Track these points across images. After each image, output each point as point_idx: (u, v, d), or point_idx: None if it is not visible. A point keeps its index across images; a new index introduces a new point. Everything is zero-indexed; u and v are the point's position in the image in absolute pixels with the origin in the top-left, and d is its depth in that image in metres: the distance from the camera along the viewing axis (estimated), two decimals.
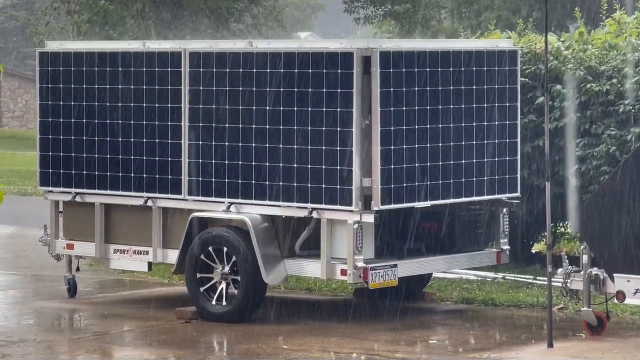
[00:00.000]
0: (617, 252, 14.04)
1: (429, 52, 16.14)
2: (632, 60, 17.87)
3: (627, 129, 17.39)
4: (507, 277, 17.61)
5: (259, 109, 15.83)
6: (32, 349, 15.05)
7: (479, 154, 16.25)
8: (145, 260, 16.90)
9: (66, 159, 17.19)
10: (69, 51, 17.75)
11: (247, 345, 14.88)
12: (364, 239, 15.30)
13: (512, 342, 14.94)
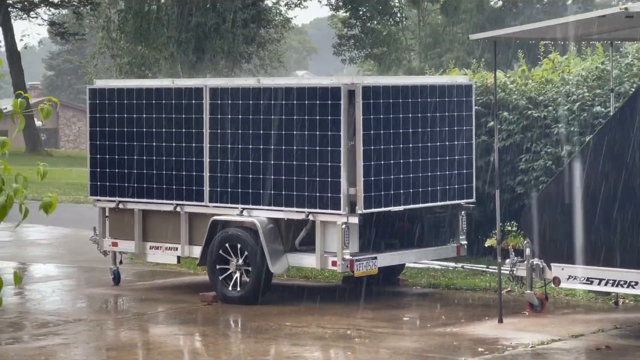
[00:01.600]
0: (553, 245, 14.05)
1: (401, 86, 16.22)
2: (564, 92, 17.97)
3: (561, 147, 17.45)
4: (465, 267, 17.65)
5: (265, 133, 15.88)
6: (85, 326, 15.10)
7: (442, 167, 16.31)
8: (175, 255, 16.94)
9: (111, 174, 17.23)
10: (113, 87, 17.80)
11: (257, 323, 14.92)
12: (350, 237, 15.35)
13: (469, 318, 15.00)
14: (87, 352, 13.81)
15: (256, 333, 14.38)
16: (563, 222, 13.96)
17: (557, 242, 14.04)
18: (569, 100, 17.81)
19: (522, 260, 14.62)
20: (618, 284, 13.67)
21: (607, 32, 15.77)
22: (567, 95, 17.89)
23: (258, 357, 13.23)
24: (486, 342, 13.54)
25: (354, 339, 13.94)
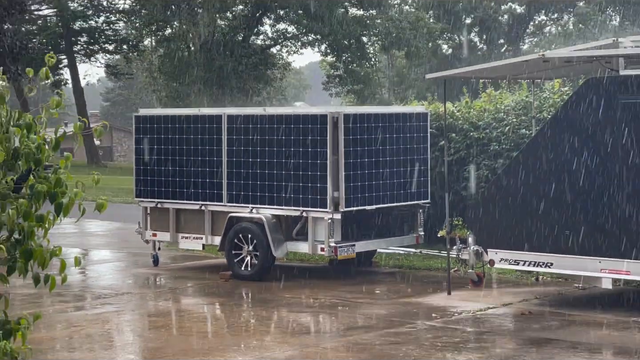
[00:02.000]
0: (489, 235, 14.07)
1: (373, 114, 16.29)
2: (498, 118, 17.99)
3: (496, 161, 17.46)
4: (422, 252, 17.60)
5: (269, 149, 15.89)
6: (132, 297, 15.12)
7: (404, 176, 16.33)
8: (200, 243, 16.94)
9: (151, 180, 17.23)
10: (153, 115, 17.87)
11: (262, 295, 14.94)
12: (334, 229, 15.38)
13: (426, 291, 15.03)
14: (133, 318, 13.85)
15: (262, 303, 14.41)
16: (496, 217, 13.98)
17: (492, 232, 14.06)
18: (501, 124, 17.86)
19: (465, 247, 14.65)
20: (538, 265, 13.70)
21: (529, 73, 15.82)
22: (500, 120, 17.95)
23: (264, 320, 13.25)
24: (438, 309, 13.57)
25: (337, 307, 14.00)
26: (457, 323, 12.70)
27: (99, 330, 12.80)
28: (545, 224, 13.43)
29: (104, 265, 18.72)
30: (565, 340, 11.56)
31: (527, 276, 15.41)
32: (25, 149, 6.11)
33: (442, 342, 11.59)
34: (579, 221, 13.13)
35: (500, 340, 11.75)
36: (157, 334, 12.70)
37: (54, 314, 13.46)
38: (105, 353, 11.52)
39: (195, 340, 12.07)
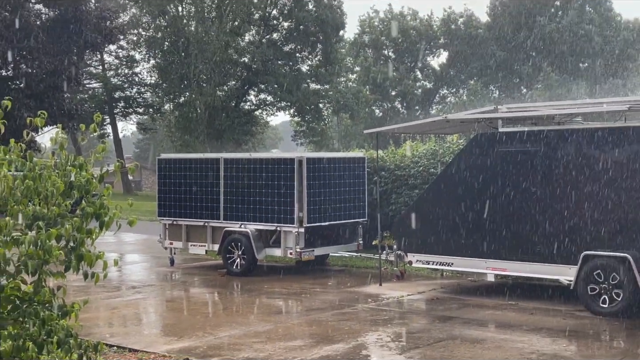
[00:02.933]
0: (408, 243, 14.11)
1: (326, 157, 16.34)
2: (414, 161, 18.09)
3: (412, 191, 17.54)
4: (362, 255, 17.63)
5: (254, 183, 15.87)
6: (154, 288, 14.99)
7: (349, 201, 16.33)
8: (204, 249, 16.84)
9: (169, 204, 17.13)
10: (171, 158, 17.80)
11: (249, 286, 14.86)
12: (299, 239, 15.34)
13: (364, 283, 15.01)
14: (156, 302, 13.73)
15: (248, 291, 14.34)
16: (413, 230, 14.04)
17: (410, 241, 14.11)
18: (416, 165, 17.96)
19: (392, 251, 14.68)
20: (442, 264, 13.76)
21: (436, 130, 15.97)
22: (416, 163, 18.06)
23: (249, 304, 13.19)
24: (372, 296, 13.58)
25: (301, 294, 13.95)
26: (386, 305, 12.72)
27: (131, 312, 12.71)
28: (447, 236, 13.53)
29: (134, 265, 18.54)
30: (462, 318, 11.61)
31: (435, 272, 15.45)
32: (78, 182, 6.10)
33: (375, 319, 11.61)
34: (471, 233, 13.23)
35: (416, 317, 11.78)
36: (172, 314, 12.64)
37: (98, 300, 13.33)
38: (135, 328, 11.45)
39: (199, 318, 12.01)
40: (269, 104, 56.83)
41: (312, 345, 9.90)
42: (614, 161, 11.74)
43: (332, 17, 52.73)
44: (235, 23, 52.64)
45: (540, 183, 12.48)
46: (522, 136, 12.77)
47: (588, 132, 12.20)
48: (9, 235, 5.94)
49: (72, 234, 6.04)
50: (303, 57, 55.12)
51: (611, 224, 11.73)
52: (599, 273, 11.70)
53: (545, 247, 12.37)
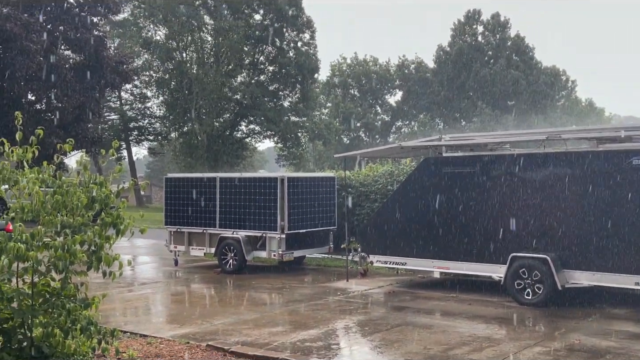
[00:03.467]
0: (370, 246, 14.12)
1: (303, 177, 16.33)
2: (375, 180, 18.04)
3: (373, 204, 17.54)
4: (332, 256, 17.58)
5: (244, 197, 15.79)
6: (162, 284, 14.81)
7: (322, 212, 16.29)
8: (203, 251, 16.66)
9: (174, 215, 16.98)
10: (176, 177, 17.59)
11: (239, 282, 14.76)
12: (281, 243, 15.29)
13: (334, 279, 14.96)
14: (163, 296, 13.57)
15: (239, 287, 14.23)
16: (374, 236, 14.05)
17: (372, 245, 14.11)
18: (377, 184, 17.98)
19: (357, 253, 14.68)
20: (397, 264, 13.77)
21: (393, 154, 16.03)
22: (376, 181, 18.07)
23: (240, 297, 13.07)
24: (341, 289, 13.54)
25: (282, 289, 13.87)
26: (352, 298, 12.68)
27: (142, 304, 12.55)
28: (401, 240, 13.55)
29: (145, 265, 18.34)
30: (414, 308, 11.62)
31: (392, 271, 15.42)
32: (99, 197, 6.07)
33: (343, 309, 11.57)
34: (421, 238, 13.26)
35: (377, 307, 11.77)
36: (176, 306, 12.50)
37: (115, 294, 13.16)
38: (145, 317, 11.31)
39: (198, 309, 11.89)
40: (257, 133, 56.82)
41: (291, 331, 9.85)
42: (535, 180, 11.87)
43: (309, 63, 53.00)
44: (229, 67, 52.68)
45: (476, 197, 12.57)
46: (462, 160, 12.88)
47: (515, 157, 12.33)
48: (41, 241, 5.90)
49: (94, 240, 6.02)
50: (285, 94, 55.24)
51: (534, 230, 11.84)
52: (524, 271, 11.79)
53: (480, 249, 12.45)
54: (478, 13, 70.01)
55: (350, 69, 73.81)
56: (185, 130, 53.16)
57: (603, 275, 11.00)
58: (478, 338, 9.32)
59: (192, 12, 50.30)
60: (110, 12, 33.89)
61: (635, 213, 10.69)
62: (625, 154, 10.91)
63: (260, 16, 53.32)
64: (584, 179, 11.28)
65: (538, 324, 10.35)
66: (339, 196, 17.08)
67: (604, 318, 10.62)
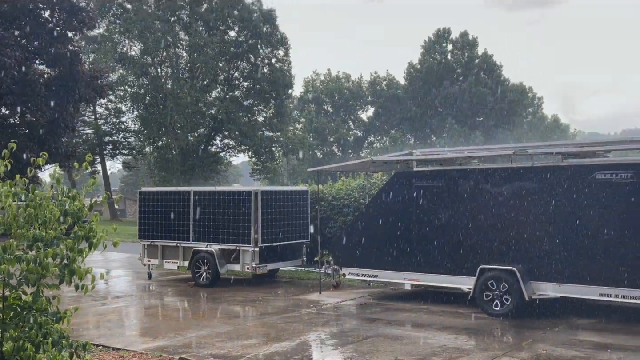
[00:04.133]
0: (342, 259, 14.11)
1: (276, 190, 16.25)
2: (347, 193, 18.10)
3: (346, 217, 17.54)
4: (305, 269, 17.52)
5: (219, 210, 15.68)
6: (135, 297, 14.62)
7: (295, 225, 16.25)
8: (176, 264, 16.46)
9: (148, 228, 16.79)
10: (150, 190, 17.36)
11: (213, 295, 14.63)
12: (255, 256, 15.22)
13: (307, 292, 14.90)
14: (136, 309, 13.38)
15: (212, 300, 14.10)
16: (346, 249, 14.05)
17: (344, 258, 14.10)
18: (349, 197, 18.01)
19: (329, 266, 14.67)
20: (369, 276, 13.78)
21: (364, 169, 16.09)
22: (349, 195, 18.10)
23: (213, 310, 12.95)
24: (314, 302, 13.50)
25: (256, 301, 13.78)
26: (325, 310, 12.65)
27: (115, 317, 12.37)
28: (373, 253, 13.56)
29: (118, 279, 18.10)
30: (385, 319, 11.63)
31: (364, 283, 15.41)
32: (72, 210, 5.99)
33: (316, 321, 11.54)
34: (392, 251, 13.30)
35: (349, 320, 11.74)
36: (150, 319, 12.34)
37: (88, 307, 12.96)
38: (118, 330, 11.14)
39: (172, 322, 11.76)
40: (232, 147, 56.71)
41: (264, 343, 9.78)
42: (503, 194, 12.01)
43: (283, 79, 53.16)
44: (204, 82, 52.59)
45: (446, 211, 12.66)
46: (432, 174, 12.98)
47: (483, 171, 12.47)
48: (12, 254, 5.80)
49: (66, 253, 5.93)
50: (259, 110, 55.28)
51: (502, 243, 11.96)
52: (492, 282, 11.89)
53: (450, 262, 12.53)
54: (447, 31, 70.98)
55: (324, 85, 74.20)
56: (159, 145, 52.84)
57: (568, 287, 11.14)
58: (448, 349, 9.35)
59: (168, 28, 50.20)
60: (85, 27, 33.57)
61: (599, 226, 10.87)
62: (589, 168, 11.10)
63: (235, 33, 53.40)
64: (550, 192, 11.45)
65: (506, 335, 10.42)
66: (312, 209, 17.06)
67: (569, 328, 10.74)
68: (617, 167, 10.82)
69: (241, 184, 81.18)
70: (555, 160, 11.80)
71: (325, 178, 22.62)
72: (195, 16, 51.27)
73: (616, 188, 10.73)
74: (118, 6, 51.15)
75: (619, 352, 9.11)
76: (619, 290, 10.61)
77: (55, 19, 32.16)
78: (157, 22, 49.98)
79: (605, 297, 10.79)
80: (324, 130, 69.64)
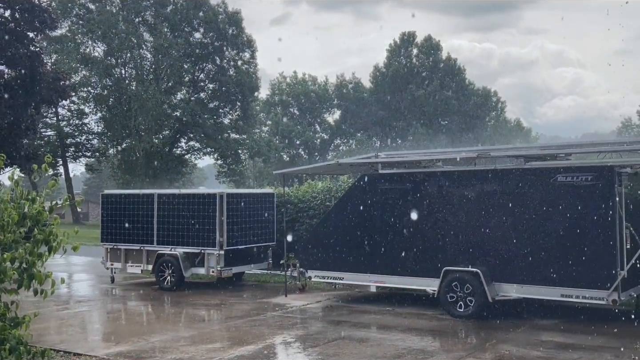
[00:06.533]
0: (308, 262, 14.07)
1: (243, 193, 16.17)
2: (313, 196, 18.05)
3: (312, 220, 17.49)
4: (271, 272, 17.41)
5: (183, 214, 15.53)
6: (98, 301, 14.37)
7: (261, 228, 16.18)
8: (140, 269, 16.27)
9: (110, 232, 16.55)
10: (113, 193, 17.13)
11: (177, 299, 14.46)
12: (220, 259, 15.09)
13: (272, 295, 14.83)
14: (99, 313, 13.15)
15: (176, 304, 13.92)
16: (312, 252, 14.02)
17: (310, 260, 14.06)
18: (315, 199, 17.96)
19: (295, 269, 14.62)
20: (335, 279, 13.77)
21: (331, 171, 16.10)
22: (315, 197, 18.04)
23: (177, 314, 12.80)
24: (279, 305, 13.44)
25: (221, 305, 13.66)
26: (291, 313, 12.61)
27: (77, 322, 12.14)
28: (339, 255, 13.56)
29: (81, 283, 17.76)
30: (351, 321, 11.63)
31: (330, 285, 15.40)
32: (31, 213, 5.86)
33: (282, 324, 11.49)
34: (357, 253, 13.31)
35: (315, 322, 11.72)
36: (112, 323, 12.13)
37: (50, 313, 12.69)
38: (81, 335, 10.93)
39: (135, 326, 11.59)
40: (197, 149, 56.27)
41: (229, 347, 9.70)
42: (466, 196, 12.13)
43: (249, 81, 52.99)
44: (169, 84, 52.08)
45: (410, 213, 12.73)
46: (397, 177, 13.05)
47: (447, 174, 12.58)
48: None
49: (25, 257, 5.80)
50: (225, 112, 55.00)
51: (466, 245, 12.07)
52: (456, 284, 11.99)
53: (415, 263, 12.59)
54: (412, 35, 71.60)
55: (290, 87, 74.15)
56: (123, 147, 52.15)
57: (530, 288, 11.29)
58: (412, 350, 9.40)
59: (132, 29, 49.61)
60: (47, 28, 32.91)
61: (560, 228, 11.05)
62: (550, 171, 11.28)
63: (201, 34, 53.03)
64: (512, 195, 11.60)
65: (470, 336, 10.52)
66: (278, 212, 17.00)
67: (532, 329, 10.89)
68: (578, 170, 11.02)
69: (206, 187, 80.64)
70: (518, 163, 11.96)
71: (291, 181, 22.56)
72: (160, 17, 50.78)
73: (577, 191, 10.93)
74: (81, 6, 50.40)
75: (580, 351, 9.27)
76: (579, 291, 10.80)
77: (15, 18, 31.49)
78: (121, 23, 49.36)
79: (566, 298, 10.96)
80: (290, 133, 69.59)
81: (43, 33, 33.75)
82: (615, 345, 9.54)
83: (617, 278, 10.44)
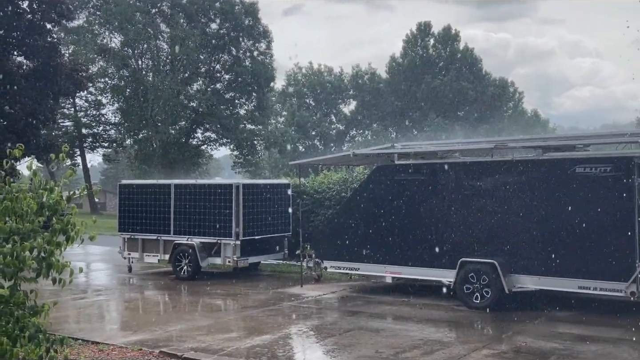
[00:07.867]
0: (324, 252, 14.09)
1: (259, 183, 16.21)
2: (329, 187, 18.06)
3: (328, 211, 17.50)
4: (287, 262, 17.48)
5: (199, 204, 15.61)
6: (115, 290, 14.52)
7: (277, 218, 16.23)
8: (157, 258, 16.41)
9: (128, 222, 16.69)
10: (130, 183, 17.24)
11: (194, 288, 14.56)
12: (236, 249, 15.17)
13: (288, 285, 14.89)
14: (117, 303, 13.27)
15: (193, 293, 14.03)
16: (328, 242, 14.03)
17: (325, 251, 14.08)
18: (331, 190, 17.98)
19: (311, 259, 14.65)
20: (351, 269, 13.80)
21: (346, 162, 16.08)
22: (330, 188, 18.06)
23: (194, 303, 12.89)
24: (295, 295, 13.48)
25: (237, 295, 13.73)
26: (307, 303, 12.64)
27: (95, 311, 12.27)
28: (354, 246, 13.56)
29: (98, 272, 17.94)
30: (366, 312, 11.64)
31: (345, 276, 15.45)
32: (49, 203, 5.90)
33: (298, 314, 11.52)
34: (373, 244, 13.31)
35: (330, 312, 11.75)
36: (130, 312, 12.25)
37: (69, 301, 12.83)
38: (98, 324, 11.04)
39: (152, 315, 11.68)
40: (213, 140, 56.41)
41: (245, 336, 9.75)
42: (483, 187, 12.05)
43: (265, 72, 52.93)
44: (185, 75, 52.20)
45: (427, 204, 12.69)
46: (413, 168, 13.00)
47: (464, 165, 12.51)
48: None
49: (43, 246, 5.84)
50: (241, 103, 54.99)
51: (482, 236, 12.01)
52: (473, 275, 11.95)
53: (431, 254, 12.56)
54: (429, 26, 71.10)
55: (306, 78, 74.03)
56: (140, 138, 52.42)
57: (548, 279, 11.22)
58: (428, 341, 9.38)
59: (148, 20, 49.73)
60: (64, 19, 33.12)
61: (578, 219, 10.95)
62: (568, 162, 11.17)
63: (217, 25, 53.04)
64: (530, 186, 11.51)
65: (486, 327, 10.48)
66: (293, 203, 17.02)
67: (549, 321, 10.82)
68: (596, 161, 10.90)
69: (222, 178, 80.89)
70: (536, 154, 11.86)
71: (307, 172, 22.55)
72: (177, 8, 50.85)
73: (595, 182, 10.81)
74: None
75: (598, 343, 9.20)
76: (597, 283, 10.71)
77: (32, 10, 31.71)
78: (137, 14, 49.50)
79: (584, 289, 10.88)
80: (305, 124, 69.54)
81: (60, 24, 33.98)
82: (633, 337, 9.46)
83: (635, 270, 10.34)
